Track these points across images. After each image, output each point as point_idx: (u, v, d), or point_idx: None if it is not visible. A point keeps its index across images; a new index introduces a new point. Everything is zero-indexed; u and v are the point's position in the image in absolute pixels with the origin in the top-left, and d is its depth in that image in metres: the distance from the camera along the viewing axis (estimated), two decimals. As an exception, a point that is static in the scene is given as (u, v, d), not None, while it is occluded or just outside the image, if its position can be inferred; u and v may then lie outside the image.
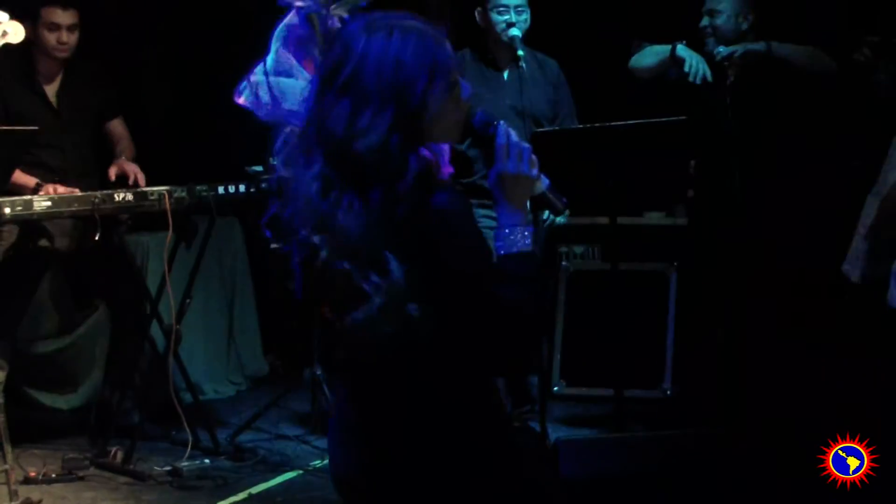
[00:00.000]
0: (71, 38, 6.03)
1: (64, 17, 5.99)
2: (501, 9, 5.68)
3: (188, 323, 6.25)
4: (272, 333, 7.82)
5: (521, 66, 5.55)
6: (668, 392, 6.75)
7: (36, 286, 6.21)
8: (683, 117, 5.36)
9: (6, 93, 6.00)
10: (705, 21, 5.59)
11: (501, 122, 2.77)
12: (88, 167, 6.21)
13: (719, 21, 5.58)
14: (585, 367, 6.69)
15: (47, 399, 6.89)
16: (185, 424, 5.95)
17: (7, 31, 5.07)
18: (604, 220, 6.36)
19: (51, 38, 5.98)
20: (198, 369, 6.88)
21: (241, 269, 7.56)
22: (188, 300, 6.04)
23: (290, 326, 7.64)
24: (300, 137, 2.66)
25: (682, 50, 5.48)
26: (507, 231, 2.69)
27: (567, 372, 6.75)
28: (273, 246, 2.92)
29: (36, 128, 4.89)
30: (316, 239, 2.60)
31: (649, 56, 5.62)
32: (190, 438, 5.93)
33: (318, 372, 6.18)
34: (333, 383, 2.51)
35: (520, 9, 5.70)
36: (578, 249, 6.33)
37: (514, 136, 2.75)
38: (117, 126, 6.36)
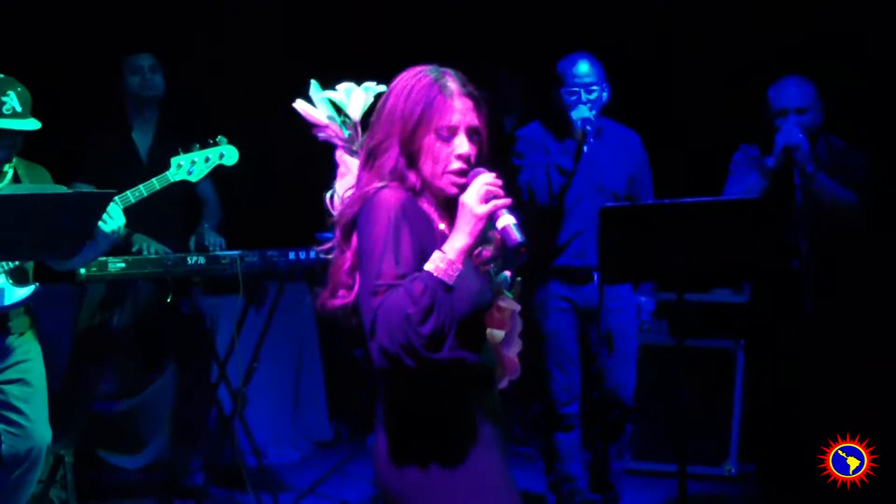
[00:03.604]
0: (154, 80, 6.22)
1: (144, 58, 6.26)
2: (573, 88, 5.70)
3: (255, 386, 6.30)
4: (338, 399, 7.85)
5: (589, 142, 5.56)
6: (732, 471, 6.69)
7: (112, 347, 6.27)
8: (756, 197, 5.38)
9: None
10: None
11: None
12: (172, 226, 6.29)
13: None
14: (650, 441, 6.66)
15: (114, 459, 6.95)
16: (249, 487, 5.98)
17: (223, 153, 5.34)
18: (671, 295, 6.36)
19: (134, 80, 6.22)
20: (263, 433, 6.92)
21: (309, 334, 7.62)
22: (255, 364, 6.10)
23: (356, 393, 7.68)
24: None
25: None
26: (438, 252, 2.92)
27: (631, 445, 6.70)
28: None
29: (114, 191, 4.97)
30: None
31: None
32: (254, 502, 5.96)
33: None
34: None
35: (592, 87, 5.70)
36: (645, 325, 6.32)
37: (489, 178, 2.99)
38: (206, 188, 6.40)
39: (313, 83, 3.33)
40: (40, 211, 4.57)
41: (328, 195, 3.24)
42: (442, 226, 3.06)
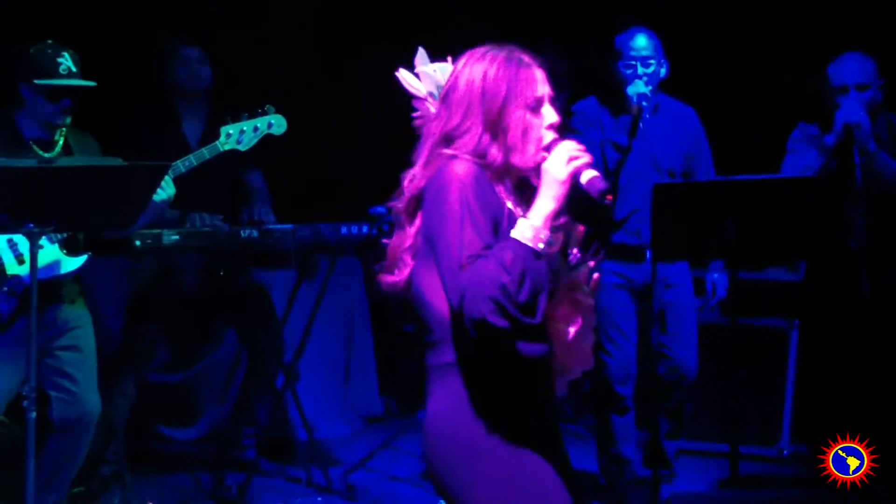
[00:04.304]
0: (202, 71, 6.23)
1: (192, 50, 6.24)
2: (630, 62, 5.65)
3: (306, 360, 6.32)
4: (389, 373, 7.87)
5: (645, 118, 5.52)
6: (785, 451, 6.65)
7: (166, 319, 6.28)
8: (813, 174, 5.33)
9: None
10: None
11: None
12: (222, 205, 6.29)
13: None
14: (702, 421, 6.63)
15: (168, 430, 7.00)
16: (300, 461, 6.01)
17: (272, 122, 5.36)
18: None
19: (182, 72, 6.21)
20: (314, 407, 6.94)
21: (360, 308, 7.63)
22: (307, 337, 6.11)
23: (407, 367, 7.69)
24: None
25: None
26: (523, 219, 2.92)
27: (684, 425, 6.67)
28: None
29: (169, 164, 5.01)
30: None
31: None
32: (304, 475, 5.99)
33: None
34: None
35: (649, 61, 5.65)
36: (697, 302, 6.28)
37: (571, 145, 2.99)
38: (256, 178, 6.33)
39: (421, 51, 3.26)
40: (98, 182, 4.61)
41: (408, 174, 3.15)
42: (509, 204, 3.04)
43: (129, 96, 6.60)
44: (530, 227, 2.88)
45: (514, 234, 2.88)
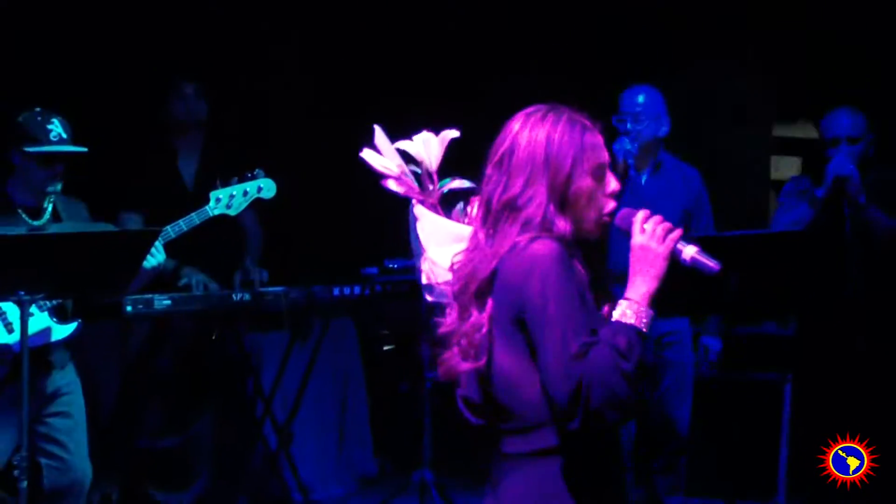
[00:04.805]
0: (198, 106, 6.25)
1: (188, 85, 6.28)
2: (622, 117, 5.65)
3: (300, 422, 6.30)
4: (383, 434, 7.83)
5: (631, 175, 5.53)
6: (782, 505, 6.62)
7: (159, 383, 6.26)
8: (803, 228, 5.35)
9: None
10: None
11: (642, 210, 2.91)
12: (218, 257, 6.27)
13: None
14: (697, 476, 6.60)
15: (161, 496, 6.94)
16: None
17: (261, 186, 5.36)
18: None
19: (179, 106, 6.25)
20: (308, 468, 6.90)
21: (354, 369, 7.59)
22: (301, 399, 6.10)
23: (402, 428, 7.65)
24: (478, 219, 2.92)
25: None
26: (625, 300, 2.80)
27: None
28: (386, 347, 3.01)
29: (160, 229, 5.00)
30: None
31: None
32: (300, 538, 5.95)
33: (428, 475, 6.17)
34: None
35: (641, 117, 5.65)
36: (713, 366, 6.29)
37: (653, 216, 2.90)
38: (247, 217, 6.26)
39: (377, 130, 3.10)
40: (88, 249, 4.61)
41: (422, 262, 3.03)
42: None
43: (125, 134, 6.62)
44: (634, 308, 2.78)
45: (622, 317, 2.77)
